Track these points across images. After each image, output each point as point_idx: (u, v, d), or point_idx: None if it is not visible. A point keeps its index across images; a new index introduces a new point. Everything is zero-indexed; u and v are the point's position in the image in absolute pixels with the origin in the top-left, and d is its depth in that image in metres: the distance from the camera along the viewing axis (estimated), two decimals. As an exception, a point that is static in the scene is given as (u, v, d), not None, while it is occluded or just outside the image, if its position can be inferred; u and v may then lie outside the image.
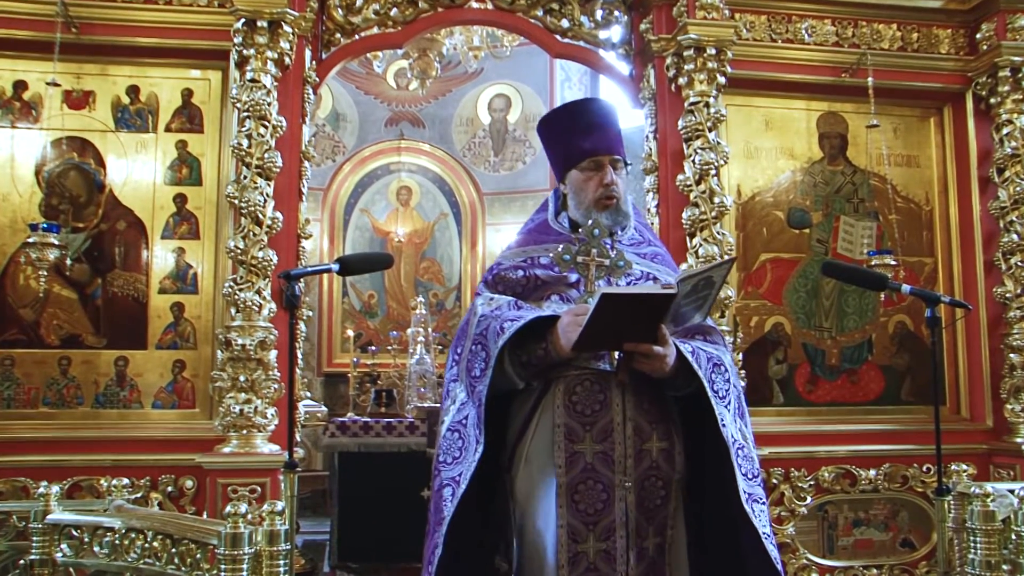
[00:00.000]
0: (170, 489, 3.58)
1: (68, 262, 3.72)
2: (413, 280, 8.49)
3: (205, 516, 3.42)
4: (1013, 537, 2.54)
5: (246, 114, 3.59)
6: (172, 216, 3.86)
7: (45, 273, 3.53)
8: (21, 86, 3.82)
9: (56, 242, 3.51)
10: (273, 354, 3.56)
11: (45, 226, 3.50)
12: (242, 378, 3.48)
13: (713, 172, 3.89)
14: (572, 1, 4.32)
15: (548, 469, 2.10)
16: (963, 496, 2.70)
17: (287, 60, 3.73)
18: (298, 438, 4.04)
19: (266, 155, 3.59)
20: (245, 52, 3.64)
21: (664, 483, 2.12)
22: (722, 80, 3.97)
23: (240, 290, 3.52)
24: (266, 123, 3.60)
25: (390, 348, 7.32)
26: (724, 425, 2.07)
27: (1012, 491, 2.64)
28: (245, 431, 3.47)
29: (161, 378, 3.77)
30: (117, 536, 2.05)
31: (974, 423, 4.32)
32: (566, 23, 4.32)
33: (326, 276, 8.01)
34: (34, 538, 2.18)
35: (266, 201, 3.58)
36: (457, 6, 4.29)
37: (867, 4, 4.32)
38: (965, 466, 2.98)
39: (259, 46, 3.63)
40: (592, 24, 4.36)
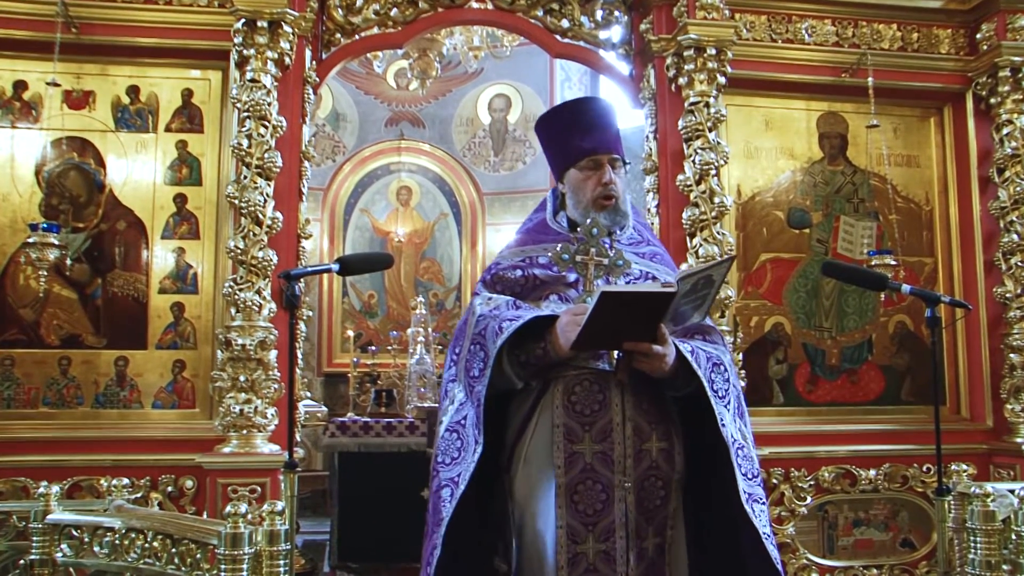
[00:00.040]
0: (170, 489, 3.58)
1: (68, 262, 3.72)
2: (413, 280, 8.49)
3: (205, 516, 3.42)
4: (1013, 537, 2.53)
5: (246, 114, 3.59)
6: (172, 216, 3.86)
7: (45, 273, 3.53)
8: (21, 86, 3.82)
9: (56, 242, 3.51)
10: (273, 354, 3.56)
11: (45, 226, 3.50)
12: (242, 378, 3.48)
13: (713, 172, 3.89)
14: (572, 1, 4.32)
15: (547, 469, 2.09)
16: (963, 496, 2.69)
17: (287, 60, 3.73)
18: (298, 438, 4.04)
19: (266, 155, 3.59)
20: (245, 52, 3.64)
21: (664, 483, 2.11)
22: (722, 80, 3.97)
23: (240, 290, 3.52)
24: (266, 123, 3.60)
25: (390, 348, 7.32)
26: (724, 425, 2.07)
27: (1012, 491, 2.64)
28: (245, 431, 3.47)
29: (161, 378, 3.77)
30: (117, 536, 2.05)
31: (974, 423, 4.31)
32: (566, 23, 4.32)
33: (326, 276, 8.01)
34: (34, 538, 2.18)
35: (266, 201, 3.58)
36: (457, 6, 4.29)
37: (867, 4, 4.32)
38: (965, 466, 2.98)
39: (259, 46, 3.63)
40: (592, 24, 4.36)
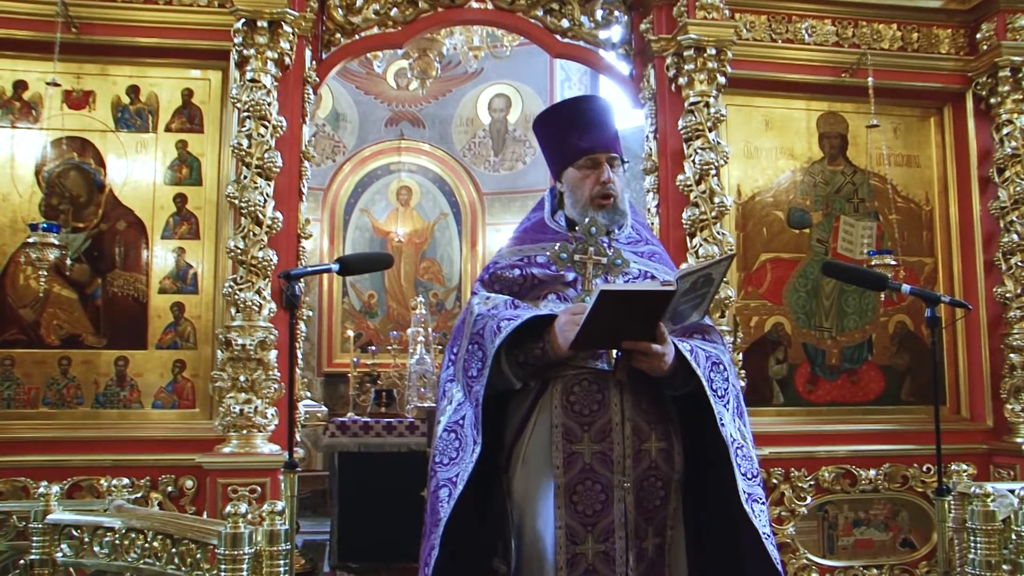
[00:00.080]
0: (170, 489, 3.58)
1: (68, 262, 3.72)
2: (413, 280, 8.49)
3: (205, 516, 3.42)
4: (1013, 537, 2.53)
5: (246, 114, 3.59)
6: (172, 216, 3.86)
7: (45, 273, 3.53)
8: (21, 86, 3.82)
9: (56, 242, 3.51)
10: (273, 354, 3.56)
11: (45, 226, 3.50)
12: (242, 378, 3.48)
13: (713, 172, 3.89)
14: (572, 1, 4.32)
15: (546, 470, 2.08)
16: (963, 496, 2.69)
17: (287, 60, 3.73)
18: (298, 438, 4.04)
19: (266, 155, 3.59)
20: (245, 52, 3.64)
21: (663, 483, 2.11)
22: (722, 80, 3.96)
23: (240, 290, 3.52)
24: (266, 123, 3.60)
25: (390, 348, 7.31)
26: (723, 424, 2.06)
27: (1012, 491, 2.64)
28: (245, 431, 3.47)
29: (161, 378, 3.78)
30: (117, 536, 2.05)
31: (974, 423, 4.31)
32: (566, 23, 4.32)
33: (326, 276, 8.01)
34: (34, 538, 2.18)
35: (266, 201, 3.58)
36: (457, 6, 4.29)
37: (867, 4, 4.31)
38: (965, 466, 2.98)
39: (259, 46, 3.63)
40: (592, 24, 4.36)
